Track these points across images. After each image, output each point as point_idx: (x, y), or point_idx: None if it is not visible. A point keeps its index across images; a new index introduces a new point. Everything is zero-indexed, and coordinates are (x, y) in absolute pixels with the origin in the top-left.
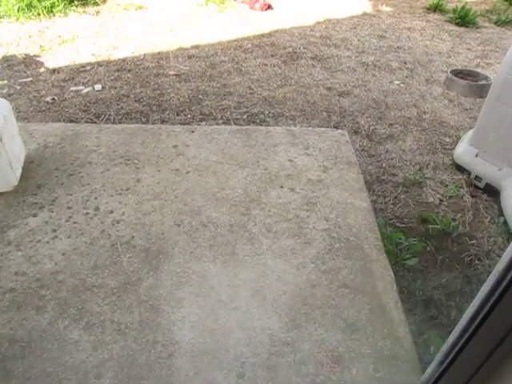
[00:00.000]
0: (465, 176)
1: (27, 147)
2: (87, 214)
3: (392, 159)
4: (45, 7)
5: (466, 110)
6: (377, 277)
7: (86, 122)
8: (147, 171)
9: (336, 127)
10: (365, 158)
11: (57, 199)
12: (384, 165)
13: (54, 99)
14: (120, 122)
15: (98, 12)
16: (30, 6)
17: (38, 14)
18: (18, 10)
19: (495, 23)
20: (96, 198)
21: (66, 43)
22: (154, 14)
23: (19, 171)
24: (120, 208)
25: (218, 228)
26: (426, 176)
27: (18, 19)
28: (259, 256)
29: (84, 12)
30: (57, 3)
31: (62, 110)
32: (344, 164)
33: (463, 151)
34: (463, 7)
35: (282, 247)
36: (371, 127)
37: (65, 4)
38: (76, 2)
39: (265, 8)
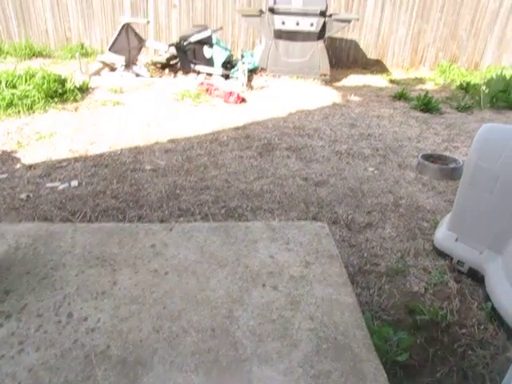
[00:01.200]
0: (447, 261)
1: None
2: (59, 321)
3: (373, 248)
4: (25, 105)
5: (440, 193)
6: (369, 378)
7: (61, 219)
8: (124, 273)
9: (315, 218)
10: (346, 249)
11: (26, 306)
12: (365, 254)
13: (28, 196)
14: (96, 220)
15: (76, 108)
16: (10, 104)
17: (19, 112)
18: None
19: (456, 109)
20: (69, 304)
21: (43, 139)
22: (131, 110)
23: None
24: (95, 314)
25: (199, 333)
26: (409, 263)
27: None
28: (244, 362)
29: (63, 108)
30: (37, 101)
31: (37, 208)
32: (326, 258)
33: (443, 236)
34: (425, 95)
35: (268, 351)
36: (349, 216)
37: (45, 101)
38: (56, 99)
39: (239, 101)
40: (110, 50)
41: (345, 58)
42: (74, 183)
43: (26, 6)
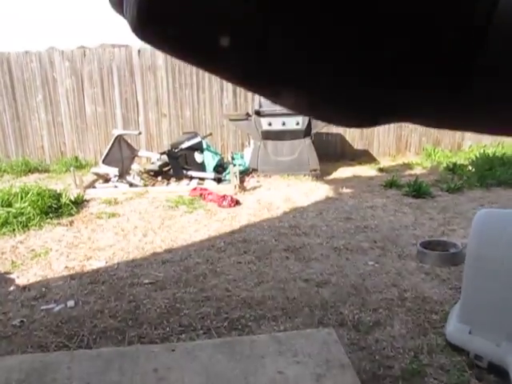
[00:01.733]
0: (464, 357)
1: None
2: None
3: (384, 349)
4: (20, 222)
5: (444, 280)
6: None
7: (56, 345)
8: None
9: (321, 322)
10: (356, 353)
11: None
12: (377, 357)
13: (22, 322)
14: (95, 343)
15: (71, 222)
16: (5, 223)
17: (13, 230)
18: None
19: (447, 191)
20: None
21: (38, 257)
22: (127, 221)
23: None
24: None
25: None
26: (424, 362)
27: None
28: None
29: (58, 223)
30: (32, 217)
31: (31, 334)
32: (337, 368)
33: (455, 330)
34: (415, 181)
35: None
36: (356, 316)
37: (40, 217)
38: (51, 215)
39: (233, 204)
40: (103, 162)
41: (332, 151)
42: (71, 303)
43: (24, 125)
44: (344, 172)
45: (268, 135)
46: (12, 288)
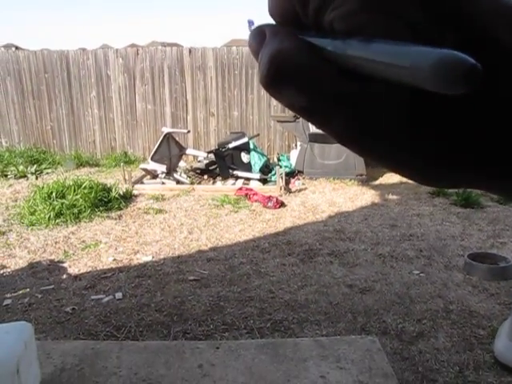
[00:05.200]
0: None
1: (43, 370)
2: None
3: (427, 361)
4: (73, 213)
5: (493, 295)
6: None
7: (105, 334)
8: None
9: (363, 329)
10: (398, 363)
11: None
12: (420, 369)
13: (74, 309)
14: (141, 335)
15: (120, 216)
16: (59, 214)
17: (66, 221)
18: (49, 219)
19: (498, 202)
20: None
21: (89, 248)
22: (173, 218)
23: None
24: None
25: None
26: (469, 379)
27: (47, 226)
28: None
29: (108, 217)
30: (83, 210)
31: (82, 322)
32: (380, 377)
33: (505, 348)
34: (465, 190)
35: None
36: (399, 325)
37: (91, 210)
38: (101, 208)
39: (278, 206)
40: (152, 158)
41: None
42: (119, 295)
43: (78, 120)
44: (391, 178)
45: (315, 138)
46: (64, 276)
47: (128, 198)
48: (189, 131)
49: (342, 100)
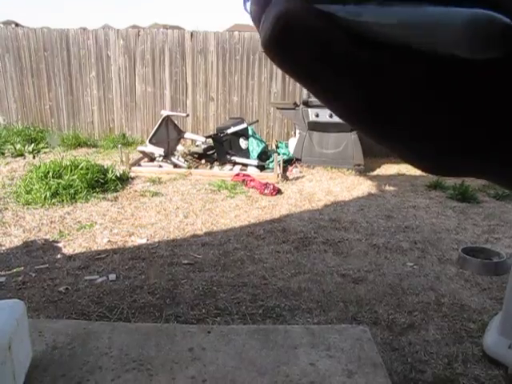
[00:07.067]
0: (501, 371)
1: (35, 348)
2: None
3: (417, 352)
4: (69, 194)
5: (485, 289)
6: None
7: (98, 315)
8: (161, 379)
9: (354, 319)
10: (388, 353)
11: None
12: (409, 360)
13: (67, 289)
14: (133, 317)
15: (116, 198)
16: (55, 194)
17: (62, 201)
18: (45, 198)
19: (494, 197)
20: None
21: (84, 229)
22: (169, 201)
23: (22, 379)
24: None
25: None
26: (457, 371)
27: (42, 205)
28: None
29: (104, 198)
30: (80, 190)
31: (75, 302)
32: (369, 366)
33: (494, 342)
34: (462, 184)
35: None
36: (390, 316)
37: (87, 191)
38: (97, 189)
39: (274, 193)
40: (150, 141)
41: (378, 147)
42: (112, 276)
43: (77, 100)
44: (388, 169)
45: (314, 126)
46: (59, 256)
47: (125, 180)
48: (188, 115)
49: (351, 68)
